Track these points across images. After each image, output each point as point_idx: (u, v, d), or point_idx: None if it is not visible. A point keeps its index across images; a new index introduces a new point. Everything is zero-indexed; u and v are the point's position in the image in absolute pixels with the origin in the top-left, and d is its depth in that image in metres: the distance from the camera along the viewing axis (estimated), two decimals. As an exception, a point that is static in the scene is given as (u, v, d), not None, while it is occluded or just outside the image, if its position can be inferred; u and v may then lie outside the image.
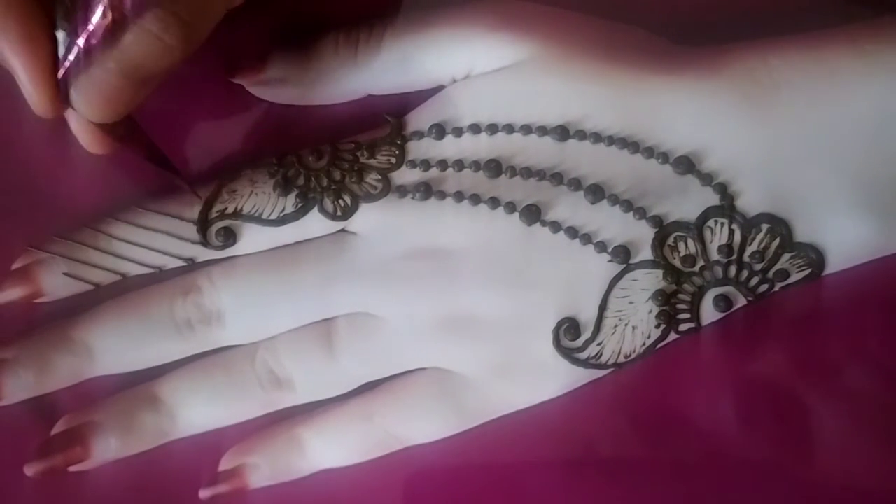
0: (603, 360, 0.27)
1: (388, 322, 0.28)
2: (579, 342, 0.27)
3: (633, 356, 0.27)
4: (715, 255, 0.27)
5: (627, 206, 0.27)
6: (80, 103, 0.24)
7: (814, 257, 0.27)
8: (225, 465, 0.29)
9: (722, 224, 0.27)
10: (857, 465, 0.27)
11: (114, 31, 0.23)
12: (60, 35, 0.23)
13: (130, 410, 0.29)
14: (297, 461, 0.28)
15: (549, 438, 0.28)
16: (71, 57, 0.23)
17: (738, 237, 0.27)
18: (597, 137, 0.27)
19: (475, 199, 0.28)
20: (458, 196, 0.28)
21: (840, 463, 0.27)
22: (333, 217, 0.28)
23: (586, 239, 0.27)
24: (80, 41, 0.23)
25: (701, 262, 0.27)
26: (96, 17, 0.22)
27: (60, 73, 0.23)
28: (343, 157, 0.29)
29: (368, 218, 0.28)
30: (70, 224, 0.29)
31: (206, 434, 0.29)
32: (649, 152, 0.27)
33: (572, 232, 0.27)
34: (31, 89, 0.23)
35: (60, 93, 0.24)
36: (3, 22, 0.23)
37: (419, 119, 0.29)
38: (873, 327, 0.28)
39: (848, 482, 0.27)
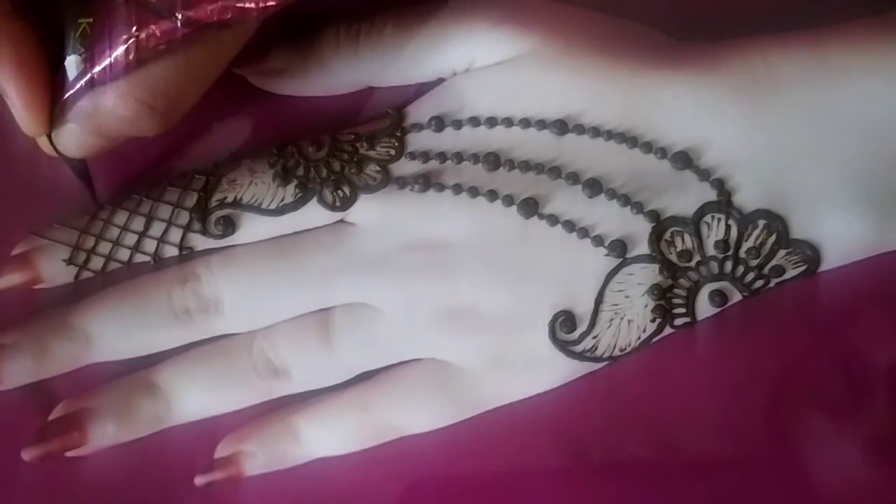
0: (598, 353, 0.27)
1: (385, 313, 0.28)
2: (575, 335, 0.27)
3: (628, 350, 0.27)
4: (711, 251, 0.27)
5: (625, 200, 0.27)
6: (59, 141, 0.25)
7: (809, 254, 0.27)
8: (221, 452, 0.29)
9: (719, 220, 0.27)
10: (852, 461, 0.27)
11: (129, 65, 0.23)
12: (72, 59, 0.24)
13: (128, 397, 0.29)
14: (292, 449, 0.29)
15: (543, 430, 0.28)
16: (81, 82, 0.24)
17: (734, 233, 0.27)
18: (595, 132, 0.27)
19: (473, 191, 0.28)
20: (457, 188, 0.28)
21: (834, 459, 0.27)
22: (332, 208, 0.28)
23: (583, 233, 0.27)
24: (95, 70, 0.23)
25: (697, 258, 0.27)
26: (118, 52, 0.23)
27: (67, 95, 0.24)
28: (343, 148, 0.29)
29: (367, 209, 0.28)
30: (70, 211, 0.29)
31: (203, 421, 0.29)
32: (648, 147, 0.27)
33: (570, 225, 0.27)
34: (23, 114, 0.24)
35: (54, 113, 0.24)
36: None
37: (419, 111, 0.29)
38: (868, 324, 0.28)
39: (841, 479, 0.27)
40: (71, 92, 0.24)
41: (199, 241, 0.29)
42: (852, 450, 0.27)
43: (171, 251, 0.29)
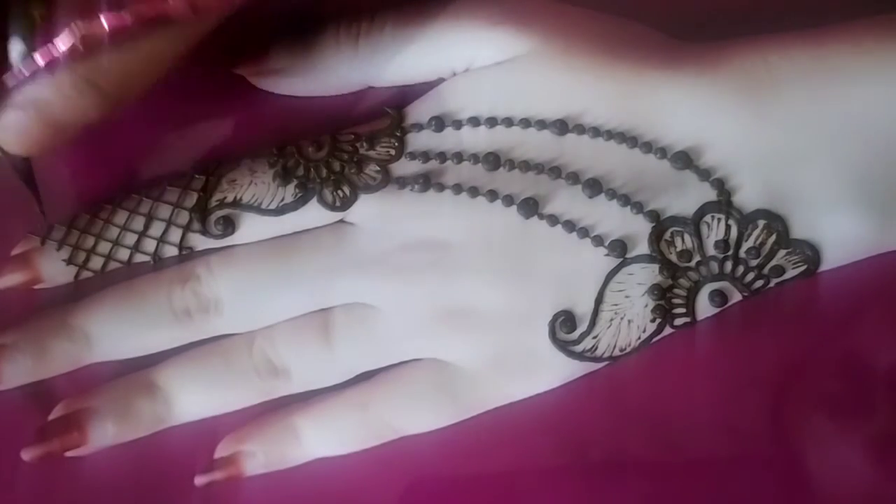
0: (598, 353, 0.27)
1: (385, 313, 0.28)
2: (575, 335, 0.27)
3: (628, 350, 0.27)
4: (711, 251, 0.27)
5: (625, 200, 0.27)
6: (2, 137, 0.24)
7: (809, 254, 0.27)
8: (221, 452, 0.29)
9: (719, 220, 0.27)
10: (853, 461, 0.27)
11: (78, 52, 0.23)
12: (18, 48, 0.23)
13: (127, 397, 0.29)
14: (292, 449, 0.29)
15: (543, 430, 0.28)
16: (26, 71, 0.23)
17: (734, 233, 0.27)
18: (595, 132, 0.27)
19: (473, 191, 0.28)
20: (457, 188, 0.28)
21: (835, 459, 0.27)
22: (332, 208, 0.29)
23: (583, 232, 0.27)
24: (38, 57, 0.23)
25: (697, 258, 0.27)
26: (66, 42, 0.23)
27: (10, 84, 0.23)
28: (343, 148, 0.29)
29: (367, 209, 0.28)
30: (70, 211, 0.29)
31: (203, 421, 0.29)
32: (648, 147, 0.27)
33: (570, 225, 0.27)
34: None
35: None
36: None
37: (419, 111, 0.29)
38: (868, 324, 0.28)
39: (842, 479, 0.27)
40: (14, 81, 0.23)
41: (199, 241, 0.29)
42: (853, 450, 0.27)
43: (171, 251, 0.29)
